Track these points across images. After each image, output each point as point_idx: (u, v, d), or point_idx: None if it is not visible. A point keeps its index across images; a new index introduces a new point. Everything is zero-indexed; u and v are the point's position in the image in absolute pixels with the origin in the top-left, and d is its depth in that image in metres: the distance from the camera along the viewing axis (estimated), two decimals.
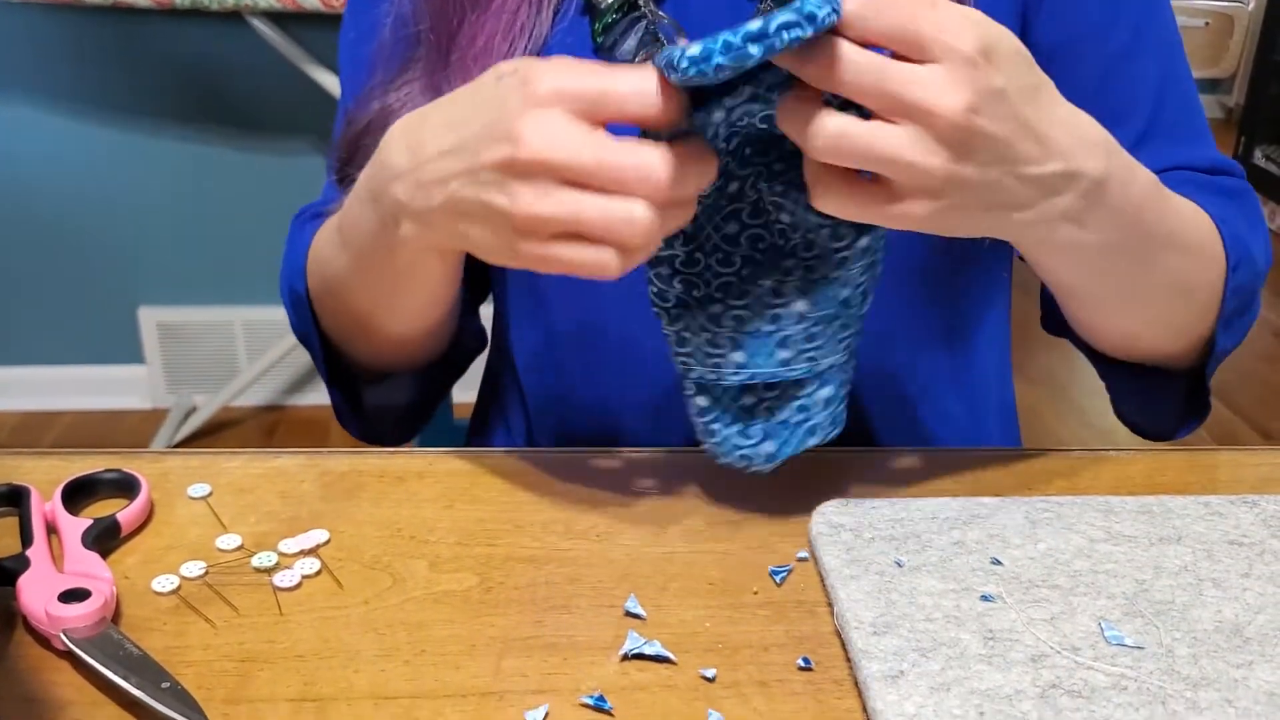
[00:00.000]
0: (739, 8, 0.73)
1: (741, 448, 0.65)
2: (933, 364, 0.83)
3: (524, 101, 0.53)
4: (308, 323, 0.78)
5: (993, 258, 0.83)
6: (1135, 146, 0.74)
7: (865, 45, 0.52)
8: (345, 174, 0.78)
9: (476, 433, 0.95)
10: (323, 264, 0.75)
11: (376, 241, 0.65)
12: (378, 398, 0.83)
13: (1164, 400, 0.77)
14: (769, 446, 0.65)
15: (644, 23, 0.74)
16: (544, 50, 0.74)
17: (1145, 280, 0.66)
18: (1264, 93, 3.90)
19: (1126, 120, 0.75)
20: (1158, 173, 0.70)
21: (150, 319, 2.49)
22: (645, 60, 0.72)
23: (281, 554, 0.63)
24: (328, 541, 0.64)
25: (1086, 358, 0.79)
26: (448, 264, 0.67)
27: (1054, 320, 0.78)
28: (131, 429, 2.49)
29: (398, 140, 0.61)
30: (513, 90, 0.54)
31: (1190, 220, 0.67)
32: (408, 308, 0.72)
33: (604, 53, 0.74)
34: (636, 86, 0.53)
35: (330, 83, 2.11)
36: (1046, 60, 0.71)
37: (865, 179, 0.55)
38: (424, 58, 0.75)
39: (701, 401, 0.65)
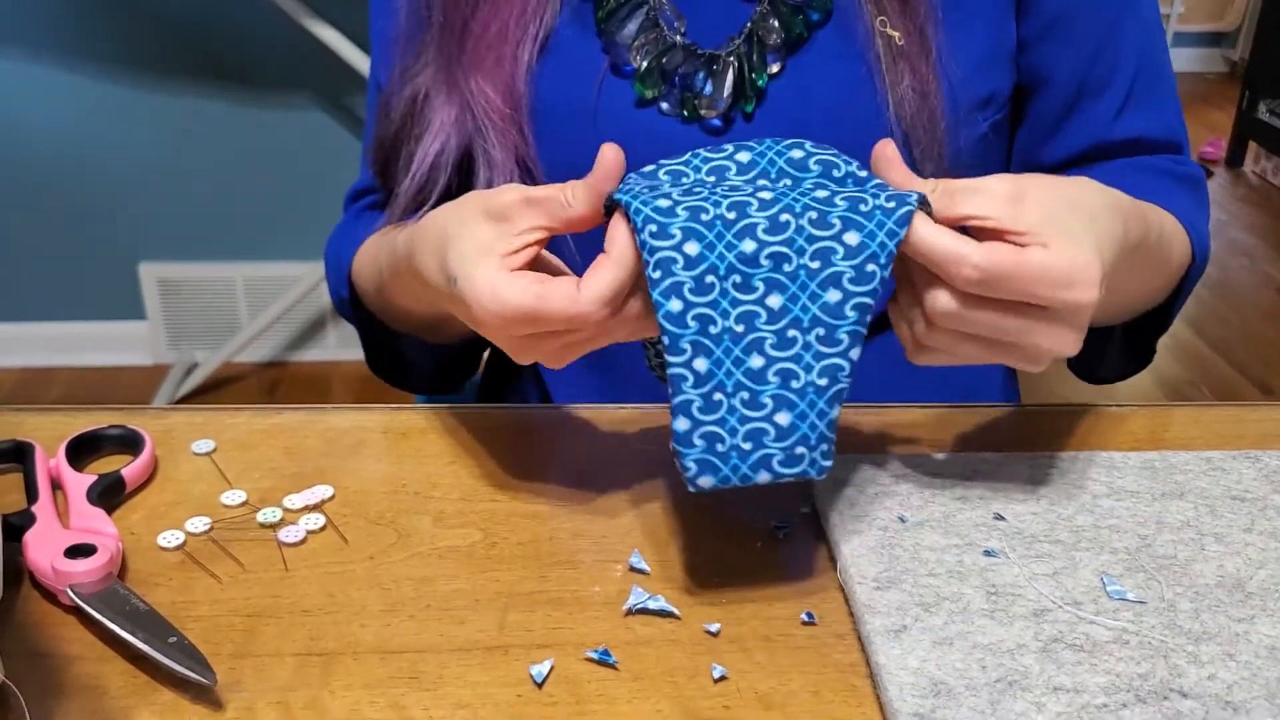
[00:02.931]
0: None
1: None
2: None
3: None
4: (351, 319, 0.82)
5: None
6: (1122, 107, 0.79)
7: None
8: (387, 173, 0.80)
9: (488, 390, 0.95)
10: (370, 286, 0.78)
11: (436, 301, 0.67)
12: (421, 367, 0.86)
13: (1107, 354, 0.81)
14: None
15: (645, 8, 0.74)
16: (552, 37, 0.75)
17: (1138, 290, 0.71)
18: (1269, 46, 3.86)
19: (1114, 82, 0.79)
20: (1135, 140, 0.79)
21: (151, 275, 2.48)
22: (644, 45, 0.73)
23: (286, 510, 0.63)
24: (332, 497, 0.64)
25: None
26: None
27: None
28: (132, 385, 2.49)
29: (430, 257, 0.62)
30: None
31: (1170, 236, 0.72)
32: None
33: (605, 36, 0.74)
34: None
35: (329, 36, 2.09)
36: (1049, 27, 0.76)
37: None
38: (436, 43, 0.76)
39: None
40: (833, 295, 0.53)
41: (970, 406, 0.75)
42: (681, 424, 0.53)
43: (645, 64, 0.74)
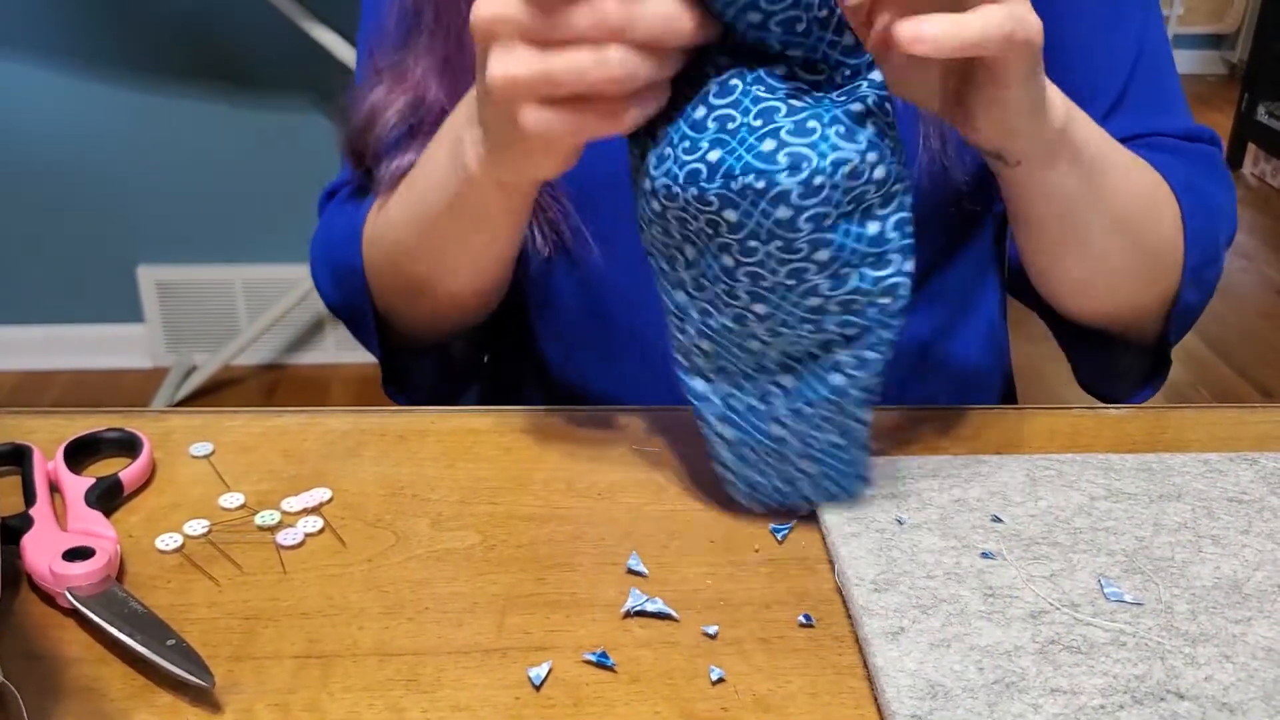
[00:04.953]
0: None
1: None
2: (931, 325, 0.83)
3: None
4: (359, 294, 0.78)
5: (986, 219, 0.84)
6: (1106, 116, 0.76)
7: None
8: (362, 166, 0.79)
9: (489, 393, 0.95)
10: (384, 229, 0.75)
11: (447, 188, 0.66)
12: (421, 370, 0.85)
13: (1124, 366, 0.79)
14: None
15: None
16: None
17: (1098, 222, 0.67)
18: (1268, 49, 3.87)
19: (1099, 92, 0.76)
20: (1127, 138, 0.72)
21: (149, 277, 2.49)
22: None
23: (284, 512, 0.63)
24: (330, 500, 0.64)
25: (1047, 326, 0.81)
26: (512, 202, 0.66)
27: (1019, 283, 0.80)
28: (131, 388, 2.49)
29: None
30: None
31: (1137, 170, 0.69)
32: (472, 260, 0.72)
33: None
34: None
35: (328, 39, 2.10)
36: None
37: None
38: (429, 44, 0.75)
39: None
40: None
41: (969, 407, 0.75)
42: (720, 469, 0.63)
43: None
